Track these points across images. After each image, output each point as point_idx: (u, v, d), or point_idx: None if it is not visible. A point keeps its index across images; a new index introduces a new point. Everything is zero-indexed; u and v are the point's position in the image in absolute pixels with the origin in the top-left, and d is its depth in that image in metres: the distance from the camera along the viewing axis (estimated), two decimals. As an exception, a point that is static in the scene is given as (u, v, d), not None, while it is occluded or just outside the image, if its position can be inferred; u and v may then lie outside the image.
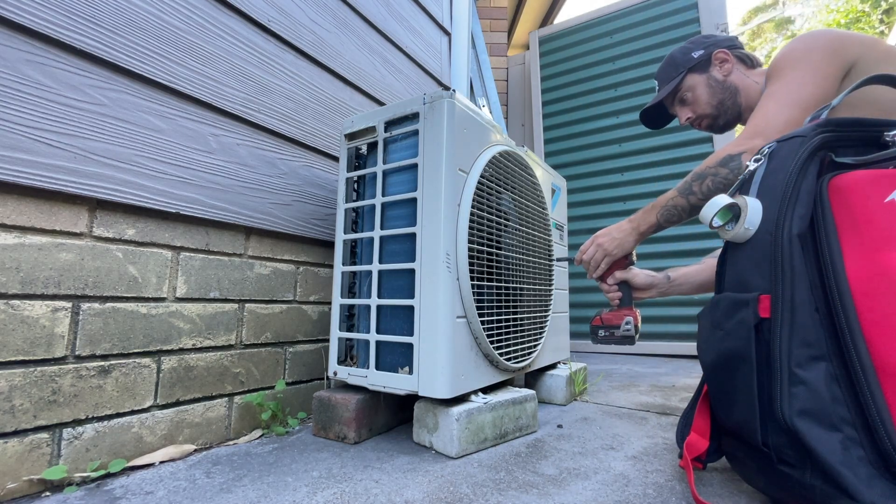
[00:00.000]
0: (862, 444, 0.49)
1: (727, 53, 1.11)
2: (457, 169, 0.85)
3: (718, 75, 1.11)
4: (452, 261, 0.83)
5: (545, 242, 1.21)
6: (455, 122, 0.86)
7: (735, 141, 0.90)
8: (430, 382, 0.81)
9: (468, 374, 0.85)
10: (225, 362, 0.93)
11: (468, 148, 0.90)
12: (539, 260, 1.17)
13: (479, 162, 0.92)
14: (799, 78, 0.86)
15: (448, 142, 0.85)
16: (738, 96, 1.09)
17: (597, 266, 1.05)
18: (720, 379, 0.64)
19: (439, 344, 0.81)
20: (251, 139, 0.99)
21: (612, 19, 2.68)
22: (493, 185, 0.96)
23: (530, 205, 1.12)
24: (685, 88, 1.15)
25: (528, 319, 1.09)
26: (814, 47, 0.88)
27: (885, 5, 7.40)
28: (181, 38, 0.87)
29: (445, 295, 0.81)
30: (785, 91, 0.87)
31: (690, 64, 1.12)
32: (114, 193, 0.75)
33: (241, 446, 0.88)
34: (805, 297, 0.53)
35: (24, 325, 0.66)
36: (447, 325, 0.81)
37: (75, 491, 0.67)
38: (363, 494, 0.66)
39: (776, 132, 0.81)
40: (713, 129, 1.17)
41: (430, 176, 0.85)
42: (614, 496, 0.65)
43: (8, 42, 0.65)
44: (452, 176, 0.85)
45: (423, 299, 0.82)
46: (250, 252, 1.00)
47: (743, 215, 0.60)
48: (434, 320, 0.81)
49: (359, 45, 1.32)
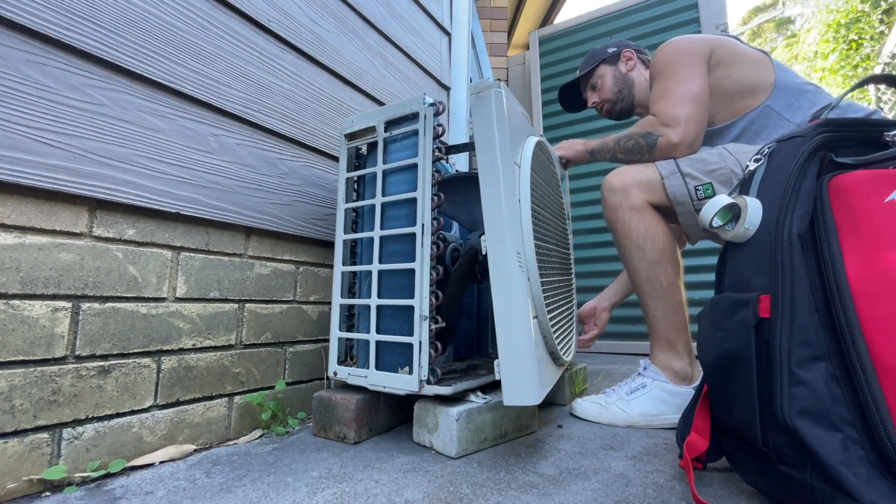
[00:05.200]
0: (862, 444, 0.49)
1: (633, 53, 1.35)
2: (512, 162, 0.80)
3: (623, 69, 1.34)
4: (523, 259, 0.78)
5: (565, 231, 1.20)
6: (505, 114, 0.80)
7: (656, 122, 1.07)
8: (519, 392, 0.73)
9: (545, 375, 0.82)
10: (225, 362, 0.93)
11: (517, 140, 0.85)
12: (565, 249, 1.16)
13: (526, 154, 0.87)
14: (680, 76, 1.07)
15: (500, 134, 0.78)
16: (633, 88, 1.33)
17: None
18: (720, 379, 0.64)
19: (522, 350, 0.73)
20: (251, 139, 0.99)
21: (612, 19, 2.68)
22: (536, 178, 0.92)
23: (553, 194, 1.11)
24: (596, 76, 1.37)
25: (566, 310, 1.09)
26: (679, 50, 1.11)
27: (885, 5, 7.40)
28: (181, 38, 0.87)
29: (522, 297, 0.75)
30: (675, 88, 1.07)
31: (604, 56, 1.35)
32: (114, 193, 0.75)
33: (241, 446, 0.88)
34: (805, 297, 0.53)
35: (24, 325, 0.66)
36: (526, 328, 0.75)
37: (75, 491, 0.67)
38: (363, 494, 0.66)
39: (685, 122, 1.03)
40: (612, 114, 1.38)
41: (487, 172, 0.79)
42: (614, 496, 0.65)
43: (8, 42, 0.65)
44: (509, 170, 0.79)
45: (499, 306, 0.76)
46: (250, 252, 1.00)
47: (743, 215, 0.60)
48: (513, 325, 0.75)
49: (359, 45, 1.32)
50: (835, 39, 7.98)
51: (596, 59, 1.37)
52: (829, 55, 8.09)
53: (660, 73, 1.12)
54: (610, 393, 1.05)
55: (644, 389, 1.02)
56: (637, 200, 1.05)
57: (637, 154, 1.10)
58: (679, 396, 0.99)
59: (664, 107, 1.06)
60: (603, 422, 1.01)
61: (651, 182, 1.05)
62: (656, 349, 1.05)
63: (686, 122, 1.03)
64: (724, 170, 1.00)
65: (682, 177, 1.02)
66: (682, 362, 1.02)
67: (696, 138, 1.05)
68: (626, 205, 1.06)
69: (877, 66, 7.10)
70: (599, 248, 2.50)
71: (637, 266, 1.05)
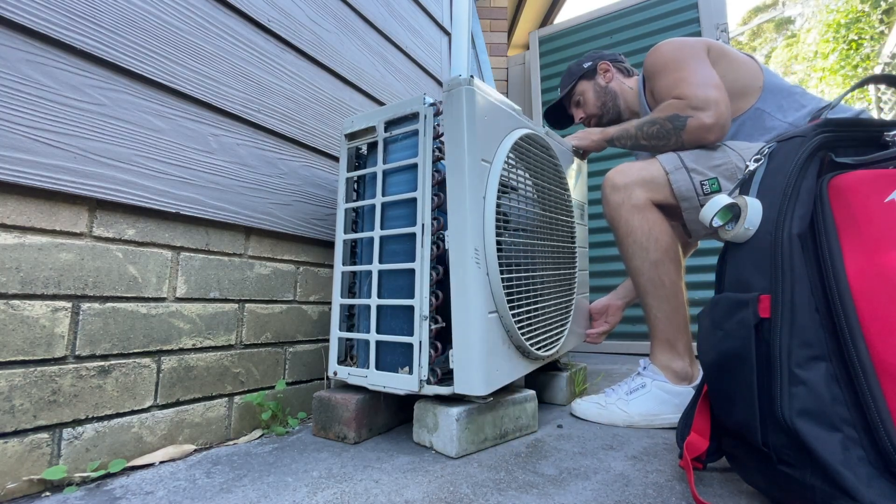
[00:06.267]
0: (862, 444, 0.49)
1: (608, 64, 1.37)
2: (479, 160, 0.82)
3: (602, 81, 1.36)
4: (481, 255, 0.80)
5: (568, 225, 1.20)
6: (476, 111, 0.81)
7: (683, 105, 1.03)
8: (467, 381, 0.78)
9: (502, 369, 0.84)
10: (225, 362, 0.93)
11: (491, 136, 0.86)
12: (563, 244, 1.16)
13: (502, 149, 0.88)
14: (693, 66, 1.06)
15: (469, 133, 0.80)
16: (618, 99, 1.35)
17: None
18: (720, 379, 0.64)
19: (473, 343, 0.78)
20: (251, 139, 0.99)
21: (612, 19, 2.68)
22: (516, 173, 0.93)
23: (552, 187, 1.10)
24: (577, 93, 1.39)
25: (553, 306, 1.08)
26: (680, 46, 1.11)
27: (884, 5, 7.39)
28: (181, 38, 0.87)
29: (476, 291, 0.78)
30: (692, 75, 1.05)
31: (581, 73, 1.37)
32: (114, 193, 0.75)
33: (241, 446, 0.88)
34: (805, 298, 0.53)
35: (24, 325, 0.66)
36: (480, 322, 0.78)
37: (75, 491, 0.67)
38: (363, 494, 0.66)
39: (715, 104, 1.00)
40: (600, 126, 1.38)
41: (453, 170, 0.81)
42: (614, 496, 0.65)
43: (8, 42, 0.65)
44: (476, 168, 0.81)
45: (455, 299, 0.80)
46: (250, 252, 1.00)
47: (743, 215, 0.60)
48: (466, 319, 0.78)
49: (359, 45, 1.32)
50: (835, 39, 7.98)
51: (573, 76, 1.38)
52: (829, 55, 8.09)
53: (665, 66, 1.11)
54: (609, 393, 1.05)
55: (643, 389, 1.01)
56: (640, 199, 1.04)
57: (663, 139, 1.06)
58: (679, 396, 0.99)
59: (689, 91, 1.03)
60: (603, 422, 1.01)
61: (655, 179, 1.04)
62: (656, 349, 1.05)
63: (716, 105, 0.99)
64: (728, 165, 1.00)
65: (688, 172, 1.01)
66: (683, 362, 1.02)
67: (727, 122, 1.02)
68: (629, 203, 1.05)
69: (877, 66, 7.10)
70: (599, 248, 2.50)
71: (639, 266, 1.05)
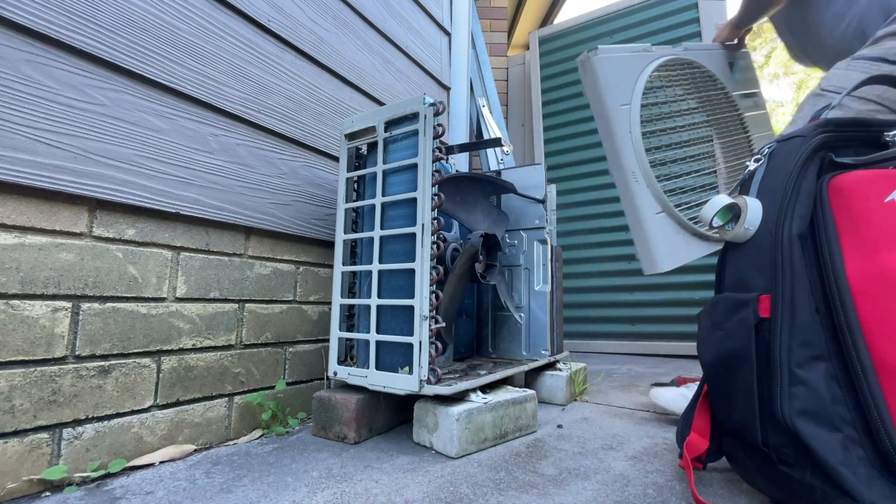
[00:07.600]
0: (862, 444, 0.49)
1: None
2: (619, 105, 1.06)
3: None
4: (639, 175, 1.04)
5: (734, 114, 1.32)
6: (604, 74, 1.04)
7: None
8: (647, 262, 1.05)
9: (676, 248, 1.08)
10: (225, 362, 0.93)
11: (626, 83, 1.08)
12: (731, 137, 1.30)
13: (637, 92, 1.09)
14: None
15: (605, 91, 1.04)
16: None
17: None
18: (720, 379, 0.64)
19: (644, 237, 1.04)
20: (251, 139, 0.99)
21: (612, 19, 2.68)
22: (664, 94, 1.15)
23: (704, 93, 1.24)
24: None
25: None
26: None
27: (884, 5, 7.41)
28: (181, 38, 0.87)
29: (641, 202, 1.03)
30: None
31: None
32: (114, 193, 0.75)
33: (241, 446, 0.88)
34: (805, 298, 0.53)
35: (24, 325, 0.66)
36: (647, 224, 1.04)
37: (75, 491, 0.67)
38: (363, 494, 0.66)
39: None
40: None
41: (600, 121, 1.06)
42: (614, 496, 0.65)
43: (8, 42, 0.65)
44: (617, 113, 1.05)
45: (627, 210, 1.07)
46: (250, 252, 1.00)
47: (743, 215, 0.60)
48: (635, 224, 1.05)
49: (359, 45, 1.32)
50: (835, 39, 7.96)
51: None
52: (828, 55, 8.08)
53: None
54: (691, 387, 1.06)
55: None
56: None
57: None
58: None
59: None
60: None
61: None
62: None
63: None
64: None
65: None
66: None
67: None
68: None
69: (877, 66, 7.08)
70: (599, 248, 2.51)
71: None
